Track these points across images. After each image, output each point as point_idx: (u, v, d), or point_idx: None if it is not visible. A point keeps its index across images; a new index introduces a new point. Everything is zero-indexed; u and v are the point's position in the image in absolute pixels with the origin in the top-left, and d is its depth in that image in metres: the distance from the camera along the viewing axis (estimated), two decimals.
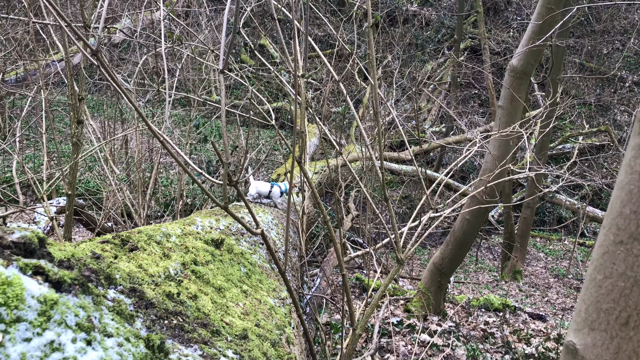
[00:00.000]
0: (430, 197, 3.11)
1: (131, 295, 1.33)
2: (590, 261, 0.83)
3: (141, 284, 1.51)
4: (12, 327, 0.66)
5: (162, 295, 1.51)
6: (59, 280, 0.83)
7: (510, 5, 17.08)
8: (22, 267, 0.76)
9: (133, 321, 1.04)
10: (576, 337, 0.80)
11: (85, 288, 0.90)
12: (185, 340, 1.22)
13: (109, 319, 0.93)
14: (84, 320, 0.82)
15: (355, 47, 3.26)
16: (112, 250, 1.72)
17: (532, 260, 10.65)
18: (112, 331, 0.89)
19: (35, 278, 0.78)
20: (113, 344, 0.86)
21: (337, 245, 2.72)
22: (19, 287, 0.70)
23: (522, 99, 4.97)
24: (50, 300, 0.75)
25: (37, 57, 5.64)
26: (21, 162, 5.58)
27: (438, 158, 12.70)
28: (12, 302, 0.68)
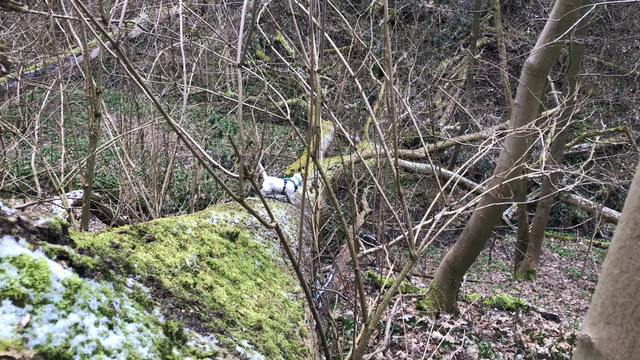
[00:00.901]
0: (444, 195, 3.10)
1: (149, 284, 1.35)
2: (607, 255, 0.84)
3: (158, 273, 1.54)
4: (39, 308, 0.68)
5: (178, 285, 1.54)
6: (82, 265, 0.85)
7: (528, 3, 16.90)
8: (47, 252, 0.79)
9: (152, 308, 1.06)
10: (591, 331, 0.80)
11: (107, 274, 0.92)
12: (202, 329, 1.24)
13: (129, 305, 0.95)
14: (106, 305, 0.84)
15: (371, 44, 3.26)
16: (130, 240, 1.75)
17: (546, 261, 10.56)
18: (132, 317, 0.91)
19: (60, 262, 0.80)
20: (133, 329, 0.88)
21: (350, 241, 2.73)
22: (45, 270, 0.72)
23: (538, 97, 4.93)
24: (74, 284, 0.78)
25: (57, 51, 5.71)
26: (40, 155, 5.66)
27: (452, 156, 12.63)
28: (39, 285, 0.70)
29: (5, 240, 0.71)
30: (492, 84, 15.40)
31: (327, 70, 13.11)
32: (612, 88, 15.11)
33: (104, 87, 4.41)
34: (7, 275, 0.67)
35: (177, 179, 9.36)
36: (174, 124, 1.75)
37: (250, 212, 1.87)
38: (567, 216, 12.28)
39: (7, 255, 0.70)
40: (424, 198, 11.34)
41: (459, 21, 16.31)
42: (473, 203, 3.85)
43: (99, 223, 8.16)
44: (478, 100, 14.69)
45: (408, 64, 12.66)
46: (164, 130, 8.09)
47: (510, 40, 15.52)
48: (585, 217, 11.91)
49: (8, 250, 0.70)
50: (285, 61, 3.55)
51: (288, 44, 13.70)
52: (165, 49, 7.05)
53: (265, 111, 3.85)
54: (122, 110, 8.68)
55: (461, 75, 14.54)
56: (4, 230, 0.72)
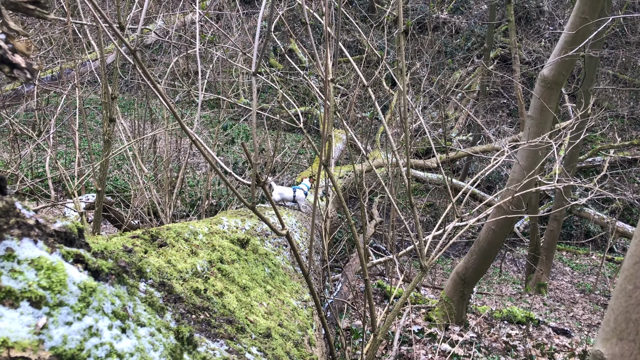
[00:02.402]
0: (456, 205, 3.09)
1: (161, 289, 1.36)
2: (620, 271, 0.83)
3: (170, 278, 1.55)
4: (55, 310, 0.69)
5: (189, 291, 1.55)
6: (97, 269, 0.86)
7: (543, 15, 16.86)
8: (64, 255, 0.80)
9: (163, 313, 1.07)
10: (604, 346, 0.80)
11: (121, 278, 0.94)
12: (212, 335, 1.25)
13: (142, 310, 0.96)
14: (120, 308, 0.85)
15: (385, 53, 3.28)
16: (142, 245, 1.77)
17: (558, 274, 10.45)
18: (144, 321, 0.92)
19: (76, 266, 0.81)
20: (146, 333, 0.89)
21: (360, 250, 2.73)
22: (62, 273, 0.74)
23: (552, 109, 4.91)
24: (90, 288, 0.79)
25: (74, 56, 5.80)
26: (54, 158, 5.73)
27: (464, 167, 12.58)
28: (55, 287, 0.71)
29: (24, 243, 0.73)
30: (505, 96, 15.35)
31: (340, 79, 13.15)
32: (628, 101, 14.98)
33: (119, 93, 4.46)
34: (26, 277, 0.69)
35: (188, 184, 9.42)
36: (189, 131, 1.77)
37: (261, 219, 1.88)
38: (579, 230, 12.15)
39: (25, 258, 0.71)
40: (435, 209, 11.30)
41: (472, 32, 16.30)
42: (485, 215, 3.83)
43: (110, 227, 8.22)
44: (491, 111, 14.64)
45: (421, 74, 12.66)
46: (176, 136, 8.15)
47: (524, 51, 15.48)
48: (598, 231, 11.78)
49: (27, 253, 0.72)
50: (299, 69, 3.57)
51: (301, 53, 13.78)
52: (180, 55, 7.13)
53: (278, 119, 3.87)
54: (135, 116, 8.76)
55: (474, 86, 14.51)
56: (22, 233, 0.74)
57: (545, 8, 16.67)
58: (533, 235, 9.10)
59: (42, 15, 0.72)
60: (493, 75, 13.74)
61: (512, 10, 10.74)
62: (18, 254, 0.71)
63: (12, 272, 0.68)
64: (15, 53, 0.67)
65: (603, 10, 5.38)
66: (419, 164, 11.00)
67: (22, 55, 0.68)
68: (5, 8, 0.69)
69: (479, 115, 12.95)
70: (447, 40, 16.06)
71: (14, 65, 0.66)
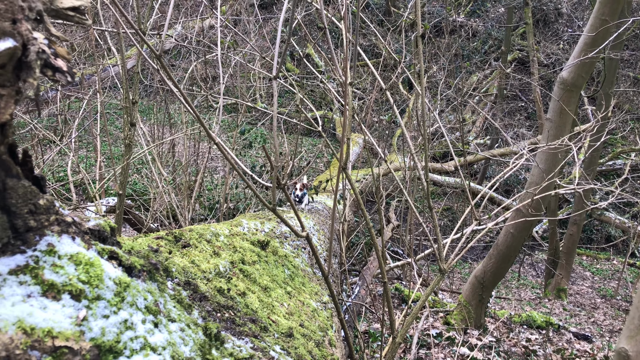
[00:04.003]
0: (474, 209, 3.09)
1: (186, 288, 1.39)
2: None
3: (194, 278, 1.58)
4: (93, 303, 0.72)
5: (213, 290, 1.58)
6: (130, 265, 0.89)
7: (561, 17, 16.70)
8: (99, 251, 0.83)
9: (191, 310, 1.09)
10: (628, 343, 0.80)
11: (152, 275, 0.96)
12: (237, 333, 1.28)
13: (171, 306, 0.98)
14: (152, 304, 0.87)
15: (403, 57, 3.29)
16: (166, 245, 1.80)
17: (578, 279, 10.31)
18: (175, 317, 0.94)
19: (111, 262, 0.84)
20: (176, 329, 0.91)
21: (379, 252, 2.74)
22: (99, 269, 0.77)
23: (571, 112, 4.87)
24: (124, 283, 0.82)
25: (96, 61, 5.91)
26: (76, 162, 5.83)
27: (482, 170, 12.50)
28: (93, 282, 0.74)
29: (64, 239, 0.76)
30: (523, 99, 15.22)
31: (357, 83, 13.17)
32: None
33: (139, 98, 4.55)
34: (66, 271, 0.72)
35: (206, 188, 9.50)
36: (212, 135, 1.80)
37: (282, 220, 1.91)
38: (600, 234, 11.98)
39: (65, 253, 0.74)
40: (452, 212, 11.24)
41: (490, 35, 16.21)
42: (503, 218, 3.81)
43: (130, 230, 8.33)
44: (509, 114, 14.53)
45: (438, 78, 12.63)
46: (194, 140, 8.24)
47: (542, 54, 15.34)
48: (619, 236, 11.60)
49: (66, 248, 0.75)
50: (317, 73, 3.60)
51: (318, 57, 13.83)
52: (199, 60, 7.21)
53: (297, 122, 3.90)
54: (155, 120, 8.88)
55: (492, 89, 14.42)
56: (62, 230, 0.77)
57: (564, 10, 16.51)
58: (552, 240, 9.00)
59: (80, 22, 0.75)
60: (511, 78, 13.64)
61: (530, 13, 10.67)
62: (58, 249, 0.74)
63: (54, 266, 0.71)
64: (57, 57, 0.70)
65: (623, 12, 5.32)
66: (436, 167, 10.96)
67: (63, 59, 0.71)
68: (47, 15, 0.72)
69: (496, 119, 12.86)
70: (464, 43, 15.99)
71: (56, 69, 0.69)
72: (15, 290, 0.65)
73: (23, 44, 0.61)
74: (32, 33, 0.63)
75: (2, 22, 0.58)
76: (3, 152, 0.67)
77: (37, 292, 0.67)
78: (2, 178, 0.67)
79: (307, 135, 13.03)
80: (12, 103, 0.61)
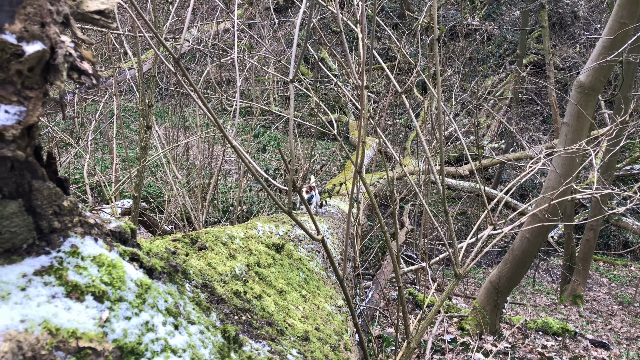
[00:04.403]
0: (490, 213, 3.06)
1: (203, 290, 1.39)
2: None
3: (211, 280, 1.59)
4: (116, 305, 0.73)
5: (230, 293, 1.58)
6: (151, 267, 0.89)
7: (578, 20, 16.54)
8: (121, 253, 0.83)
9: (209, 313, 1.09)
10: None
11: (172, 277, 0.97)
12: (254, 336, 1.28)
13: (191, 308, 0.99)
14: (172, 306, 0.88)
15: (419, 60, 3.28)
16: (183, 248, 1.81)
17: (594, 285, 10.17)
18: (194, 319, 0.95)
19: (132, 264, 0.85)
20: (196, 331, 0.91)
21: (393, 256, 2.72)
22: (121, 270, 0.77)
23: (589, 116, 4.82)
24: (145, 285, 0.82)
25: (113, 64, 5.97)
26: (92, 164, 5.88)
27: (497, 175, 12.40)
28: (116, 283, 0.75)
29: (87, 241, 0.76)
30: (538, 102, 15.09)
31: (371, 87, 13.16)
32: None
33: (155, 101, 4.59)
34: (89, 273, 0.72)
35: (220, 191, 9.54)
36: (230, 139, 1.81)
37: (298, 224, 1.91)
38: (617, 240, 11.81)
39: (88, 254, 0.74)
40: (467, 217, 11.16)
41: (505, 38, 16.10)
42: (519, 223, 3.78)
43: (144, 232, 8.39)
44: (524, 118, 14.41)
45: (452, 81, 12.57)
46: (208, 143, 8.28)
47: (558, 58, 15.20)
48: (637, 242, 11.43)
49: (89, 250, 0.75)
50: (332, 77, 3.60)
51: (332, 61, 13.85)
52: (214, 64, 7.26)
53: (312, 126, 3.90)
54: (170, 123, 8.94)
55: (507, 93, 14.32)
56: (85, 231, 0.77)
57: (581, 13, 16.36)
58: (568, 245, 8.89)
59: (106, 25, 0.76)
60: (526, 81, 13.53)
61: (546, 16, 10.59)
62: (82, 250, 0.74)
63: (77, 267, 0.72)
64: (82, 60, 0.71)
65: None
66: (450, 171, 10.90)
67: (88, 62, 0.72)
68: (74, 18, 0.73)
69: (511, 122, 12.76)
70: (479, 47, 15.90)
71: (82, 72, 0.70)
72: (40, 290, 0.66)
73: (51, 47, 0.62)
74: (60, 36, 0.63)
75: (31, 26, 0.59)
76: (29, 154, 0.67)
77: (62, 293, 0.68)
78: (28, 180, 0.68)
79: (319, 138, 13.04)
80: (39, 105, 0.62)
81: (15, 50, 0.58)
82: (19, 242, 0.67)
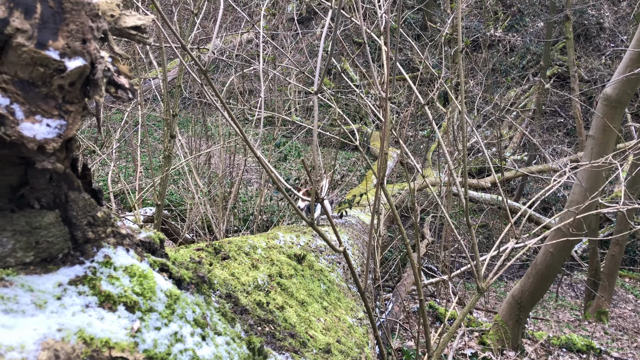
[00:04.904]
0: (513, 227, 3.03)
1: (228, 300, 1.40)
2: None
3: (235, 290, 1.59)
4: (146, 315, 0.74)
5: (253, 304, 1.59)
6: (180, 278, 0.90)
7: (603, 32, 16.33)
8: (151, 264, 0.85)
9: (234, 323, 1.10)
10: None
11: (200, 288, 0.98)
12: (278, 348, 1.28)
13: (217, 319, 0.99)
14: (200, 317, 0.88)
15: (442, 71, 3.27)
16: (207, 257, 1.83)
17: (620, 302, 9.94)
18: (220, 330, 0.95)
19: (162, 274, 0.86)
20: (222, 342, 0.92)
21: (415, 268, 2.70)
22: (152, 281, 0.78)
23: (615, 129, 4.74)
24: (174, 296, 0.83)
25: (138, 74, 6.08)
26: (116, 172, 5.97)
27: (519, 187, 12.25)
28: (147, 294, 0.76)
29: (119, 251, 0.78)
30: (562, 115, 14.89)
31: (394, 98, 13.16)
32: None
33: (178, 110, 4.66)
34: (122, 283, 0.73)
35: (240, 200, 9.60)
36: (254, 149, 1.83)
37: (320, 235, 1.91)
38: None
39: (120, 265, 0.76)
40: (489, 229, 11.03)
41: (528, 50, 15.97)
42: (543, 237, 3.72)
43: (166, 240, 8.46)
44: (547, 130, 14.23)
45: (474, 92, 12.49)
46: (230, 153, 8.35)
47: (583, 70, 15.00)
48: None
49: (121, 260, 0.77)
50: (354, 88, 3.61)
51: (353, 72, 13.89)
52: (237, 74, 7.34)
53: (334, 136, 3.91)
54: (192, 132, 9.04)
55: (530, 104, 14.17)
56: (117, 242, 0.79)
57: (607, 25, 16.15)
58: (592, 260, 8.71)
59: (142, 40, 0.77)
60: (550, 93, 13.38)
61: (571, 27, 10.48)
62: (114, 260, 0.76)
63: (110, 277, 0.73)
64: (119, 75, 0.72)
65: None
66: (472, 183, 10.80)
67: (125, 76, 0.73)
68: (111, 34, 0.75)
69: (534, 135, 12.61)
70: (502, 58, 15.79)
71: (119, 86, 0.71)
72: (75, 300, 0.67)
73: (91, 63, 0.64)
74: (100, 52, 0.65)
75: (73, 42, 0.60)
76: (67, 167, 0.69)
77: (95, 302, 0.69)
78: (65, 191, 0.69)
79: (340, 148, 13.06)
80: (79, 119, 0.63)
81: (57, 66, 0.60)
82: (55, 251, 0.69)
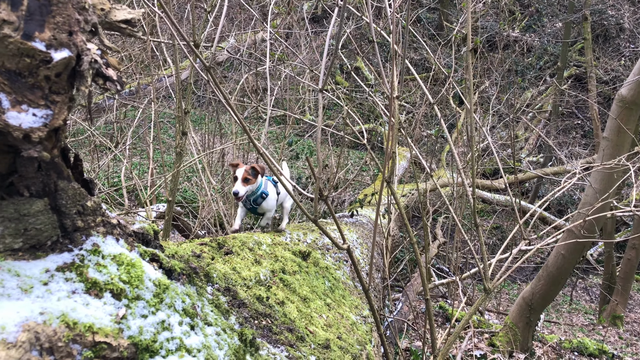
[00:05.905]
0: (523, 228, 3.00)
1: (226, 293, 1.42)
2: None
3: (234, 285, 1.61)
4: (133, 303, 0.75)
5: (252, 298, 1.60)
6: (170, 268, 0.92)
7: (623, 32, 16.08)
8: (141, 253, 0.86)
9: (228, 316, 1.11)
10: None
11: (191, 279, 0.99)
12: (273, 341, 1.29)
13: (209, 310, 1.01)
14: (189, 307, 0.90)
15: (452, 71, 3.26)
16: (209, 252, 1.85)
17: (635, 306, 9.79)
18: (211, 320, 0.97)
19: (152, 264, 0.87)
20: (212, 332, 0.93)
21: (422, 269, 2.70)
22: (140, 270, 0.80)
23: (630, 130, 4.67)
24: (163, 285, 0.84)
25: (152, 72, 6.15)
26: (129, 169, 6.04)
27: (534, 189, 12.12)
28: (134, 282, 0.77)
29: (108, 240, 0.79)
30: (579, 116, 14.71)
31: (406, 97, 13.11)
32: None
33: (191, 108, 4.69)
34: (109, 271, 0.75)
35: None
36: (258, 146, 1.84)
37: (323, 232, 1.92)
38: None
39: (109, 253, 0.78)
40: (502, 231, 10.93)
41: (545, 50, 15.79)
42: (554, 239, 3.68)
43: (178, 236, 8.54)
44: (563, 132, 14.07)
45: (490, 93, 12.40)
46: (243, 150, 8.39)
47: (601, 71, 14.80)
48: None
49: (110, 249, 0.78)
50: (365, 87, 3.61)
51: (367, 70, 13.86)
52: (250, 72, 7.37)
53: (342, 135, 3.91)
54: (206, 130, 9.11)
55: (546, 106, 14.02)
56: (107, 231, 0.81)
57: (626, 25, 15.91)
58: (608, 264, 8.59)
59: (132, 33, 0.79)
60: (566, 95, 13.23)
61: (589, 28, 10.34)
62: (103, 249, 0.77)
63: (98, 265, 0.75)
64: (108, 67, 0.74)
65: None
66: (486, 184, 10.72)
67: (113, 69, 0.75)
68: (102, 27, 0.76)
69: (550, 136, 12.48)
70: (518, 58, 15.64)
71: (107, 78, 0.73)
72: (61, 286, 0.69)
73: (77, 54, 0.65)
74: (87, 44, 0.67)
75: (59, 34, 0.62)
76: (56, 155, 0.71)
77: (81, 289, 0.71)
78: (54, 180, 0.71)
79: (354, 148, 13.03)
80: (65, 109, 0.65)
81: (43, 57, 0.62)
82: (44, 239, 0.71)
